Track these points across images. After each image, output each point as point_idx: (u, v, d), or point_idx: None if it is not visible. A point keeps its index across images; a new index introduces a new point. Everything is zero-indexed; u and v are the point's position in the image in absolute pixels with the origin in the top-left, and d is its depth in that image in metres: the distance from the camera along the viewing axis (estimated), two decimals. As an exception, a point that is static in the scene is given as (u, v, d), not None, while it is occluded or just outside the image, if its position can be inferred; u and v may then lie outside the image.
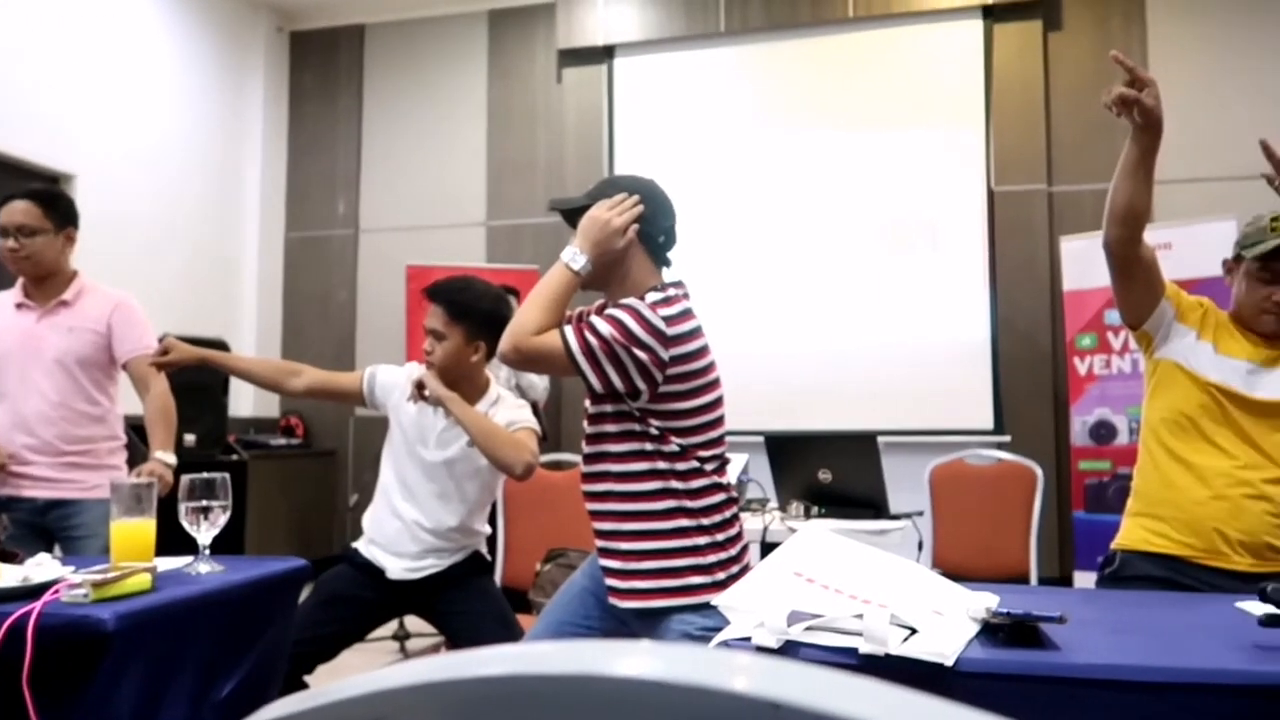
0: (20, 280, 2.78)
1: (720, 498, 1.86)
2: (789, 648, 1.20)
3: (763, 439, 3.26)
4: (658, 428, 1.81)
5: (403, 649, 4.29)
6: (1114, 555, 2.05)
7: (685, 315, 1.83)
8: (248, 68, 6.42)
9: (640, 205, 1.88)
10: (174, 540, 1.97)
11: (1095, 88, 2.04)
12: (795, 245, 5.64)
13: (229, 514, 1.92)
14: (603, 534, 1.89)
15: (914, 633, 1.19)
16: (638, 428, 1.82)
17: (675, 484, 1.82)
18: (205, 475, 1.90)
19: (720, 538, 1.84)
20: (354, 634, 2.53)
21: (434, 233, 6.32)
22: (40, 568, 1.74)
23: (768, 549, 2.79)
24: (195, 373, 2.73)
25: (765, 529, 2.86)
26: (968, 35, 5.52)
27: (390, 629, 4.24)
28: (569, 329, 1.80)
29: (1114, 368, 4.74)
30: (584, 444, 1.93)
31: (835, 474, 3.02)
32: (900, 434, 5.08)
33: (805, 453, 3.17)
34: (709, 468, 1.85)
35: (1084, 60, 5.36)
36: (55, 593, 1.56)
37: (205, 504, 1.88)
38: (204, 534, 1.89)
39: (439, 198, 6.37)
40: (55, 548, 2.68)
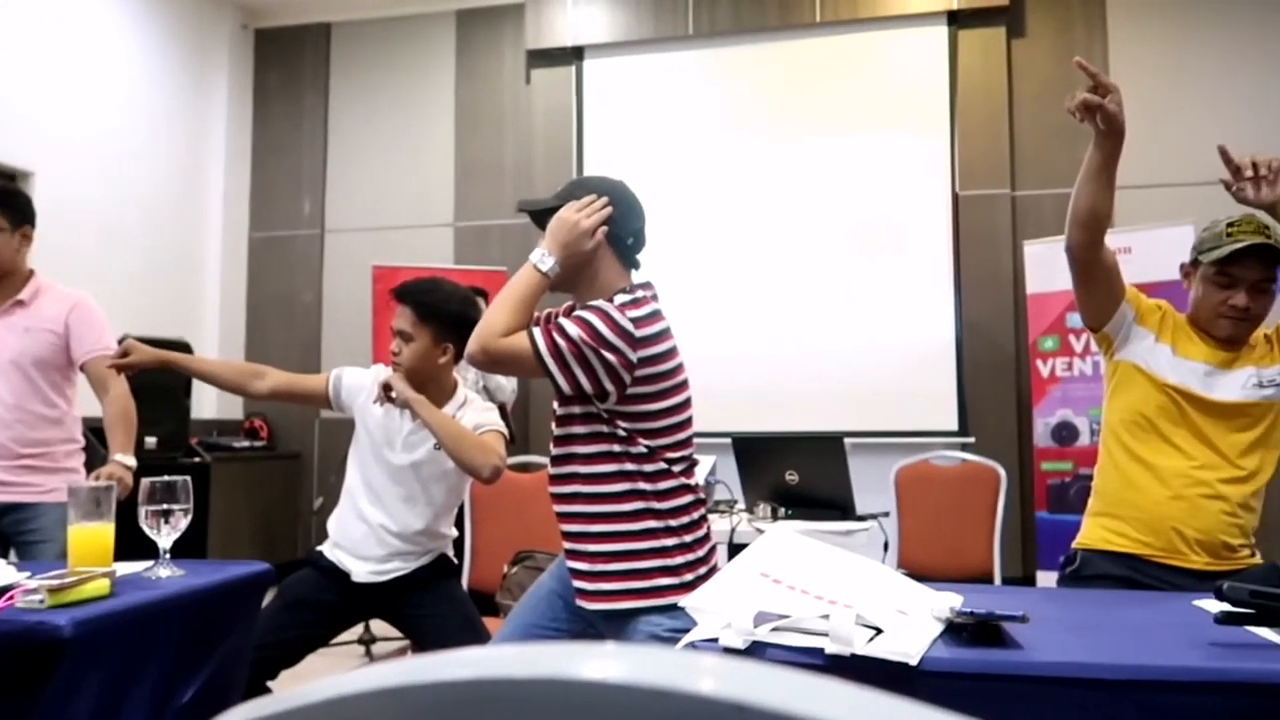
0: (-25, 280, 2.72)
1: (688, 499, 1.86)
2: (756, 649, 1.21)
3: (730, 440, 3.28)
4: (626, 429, 1.81)
5: (368, 653, 4.25)
6: (1075, 554, 2.08)
7: (654, 317, 1.83)
8: (211, 65, 6.34)
9: (609, 207, 1.88)
10: (134, 544, 1.94)
11: (1058, 94, 2.07)
12: (763, 248, 5.67)
13: (190, 517, 1.89)
14: (570, 536, 1.88)
15: (879, 633, 1.20)
16: (606, 429, 1.82)
17: (643, 485, 1.82)
18: (166, 478, 1.87)
19: (688, 539, 1.84)
20: (318, 638, 2.50)
21: (401, 233, 6.27)
22: (-5, 573, 1.71)
23: (735, 550, 2.80)
24: (157, 374, 2.69)
25: (733, 530, 2.87)
26: (933, 41, 5.58)
27: (355, 633, 4.20)
28: (537, 331, 1.79)
29: (1075, 370, 4.81)
30: (552, 446, 1.92)
31: (802, 475, 3.03)
32: (866, 435, 5.11)
33: (772, 454, 3.18)
34: (677, 469, 1.85)
35: (1047, 67, 5.44)
36: (10, 599, 1.53)
37: (166, 507, 1.85)
38: (164, 538, 1.86)
39: (406, 198, 6.32)
40: (11, 552, 2.62)
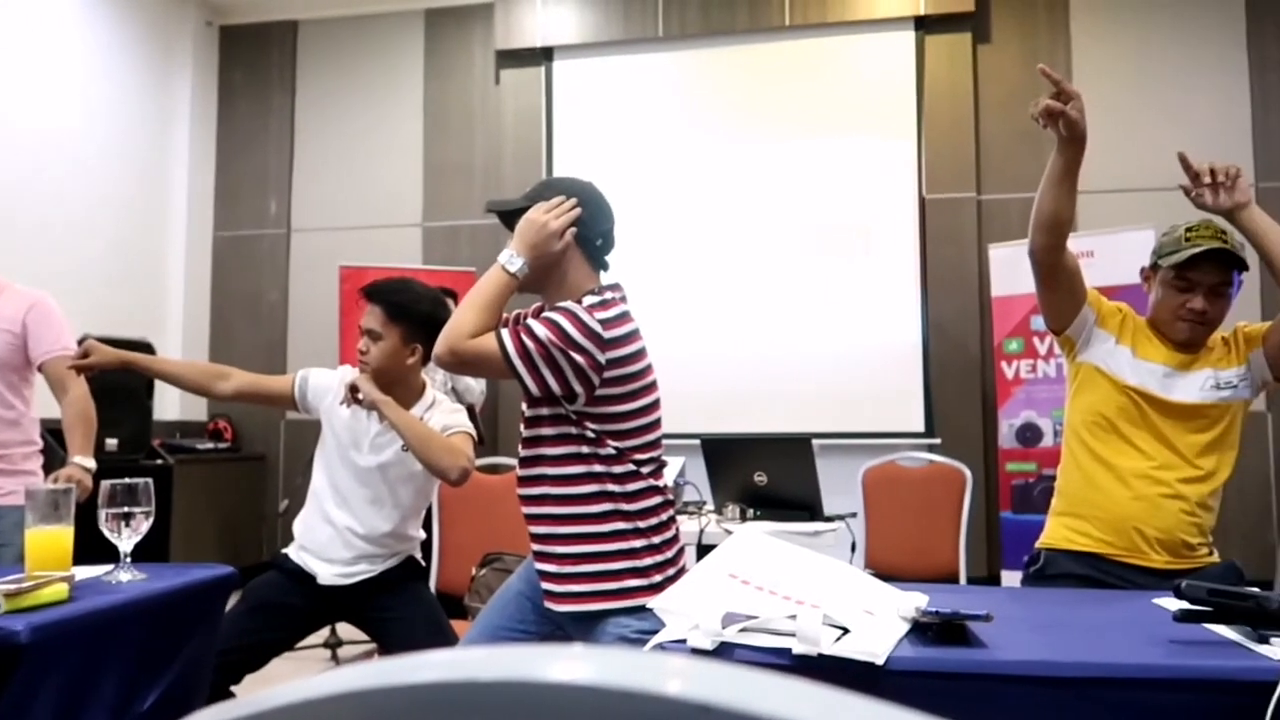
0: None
1: (657, 500, 1.86)
2: (724, 649, 1.21)
3: (699, 442, 3.28)
4: (594, 431, 1.81)
5: (334, 657, 4.21)
6: (1039, 554, 2.11)
7: (622, 318, 1.83)
8: (175, 62, 6.25)
9: (578, 208, 1.87)
10: (94, 548, 1.91)
11: (1022, 99, 2.10)
12: (732, 250, 5.69)
13: (152, 520, 1.86)
14: (539, 538, 1.88)
15: (846, 633, 1.21)
16: (574, 431, 1.82)
17: (612, 487, 1.82)
18: (127, 480, 1.84)
19: (657, 540, 1.84)
20: (283, 642, 2.47)
21: (369, 233, 6.22)
22: (-51, 578, 1.67)
23: (704, 551, 2.80)
24: (118, 375, 2.64)
25: (701, 531, 2.88)
26: (900, 46, 5.64)
27: (322, 636, 4.16)
28: (505, 332, 1.79)
29: (1039, 372, 4.87)
30: (520, 447, 1.91)
31: (770, 477, 3.05)
32: (834, 437, 5.15)
33: (741, 456, 3.19)
34: (646, 470, 1.85)
35: (1012, 73, 5.51)
36: (-35, 604, 1.50)
37: (126, 510, 1.82)
38: (125, 541, 1.83)
39: (374, 198, 6.27)
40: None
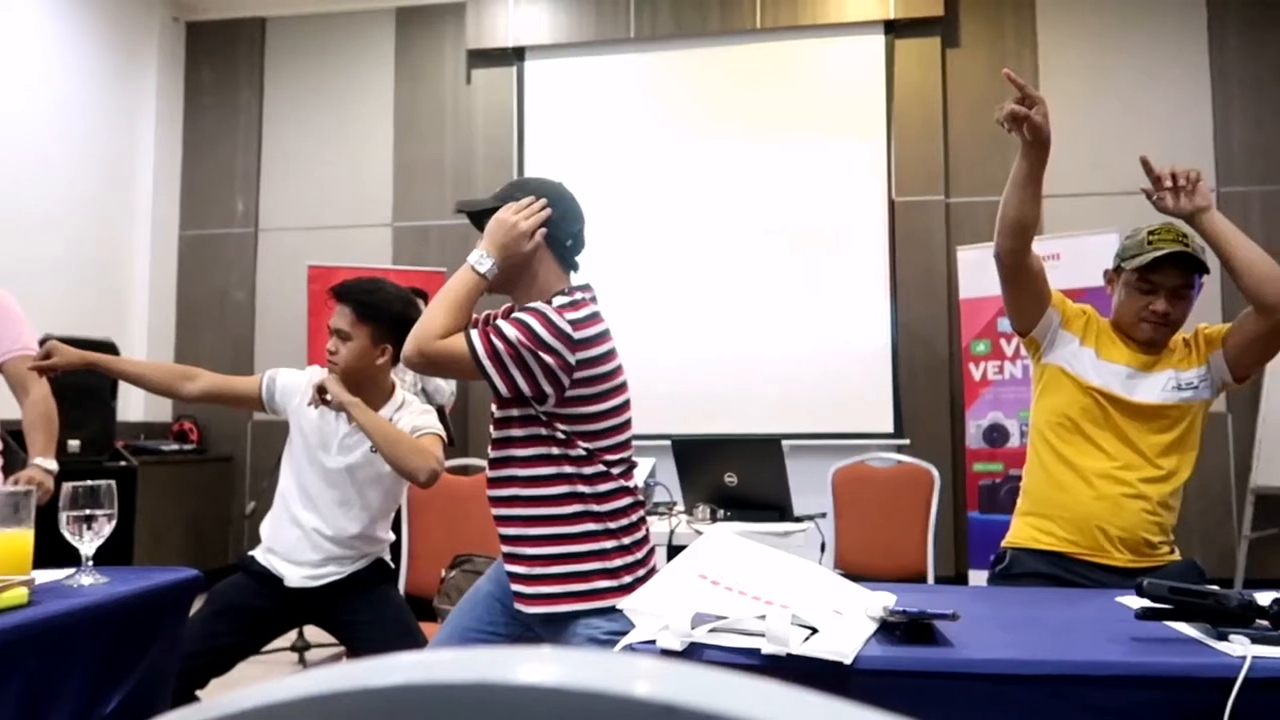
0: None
1: (627, 501, 1.87)
2: (693, 650, 1.21)
3: (670, 443, 3.29)
4: (564, 432, 1.81)
5: (302, 660, 4.17)
6: (1005, 553, 2.13)
7: (593, 319, 1.82)
8: (140, 58, 6.16)
9: (548, 209, 1.87)
10: (55, 551, 1.88)
11: (990, 104, 2.12)
12: (703, 251, 5.70)
13: (115, 523, 1.84)
14: (508, 539, 1.87)
15: (815, 632, 1.21)
16: (544, 432, 1.82)
17: (582, 488, 1.82)
18: (89, 482, 1.81)
19: (627, 541, 1.85)
20: (250, 645, 2.44)
21: (338, 233, 6.17)
22: (-95, 582, 1.64)
23: (674, 552, 2.80)
24: (81, 375, 2.60)
25: (672, 532, 2.88)
26: (870, 50, 5.68)
27: (289, 640, 4.12)
28: (474, 333, 1.78)
29: (1006, 373, 4.93)
30: (490, 448, 1.91)
31: (741, 477, 3.06)
32: (804, 437, 5.18)
33: (711, 456, 3.20)
34: (616, 471, 1.85)
35: (980, 77, 5.57)
36: (-79, 609, 1.47)
37: (89, 513, 1.80)
38: (87, 544, 1.80)
39: (343, 197, 6.22)
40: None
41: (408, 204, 6.16)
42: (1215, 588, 1.31)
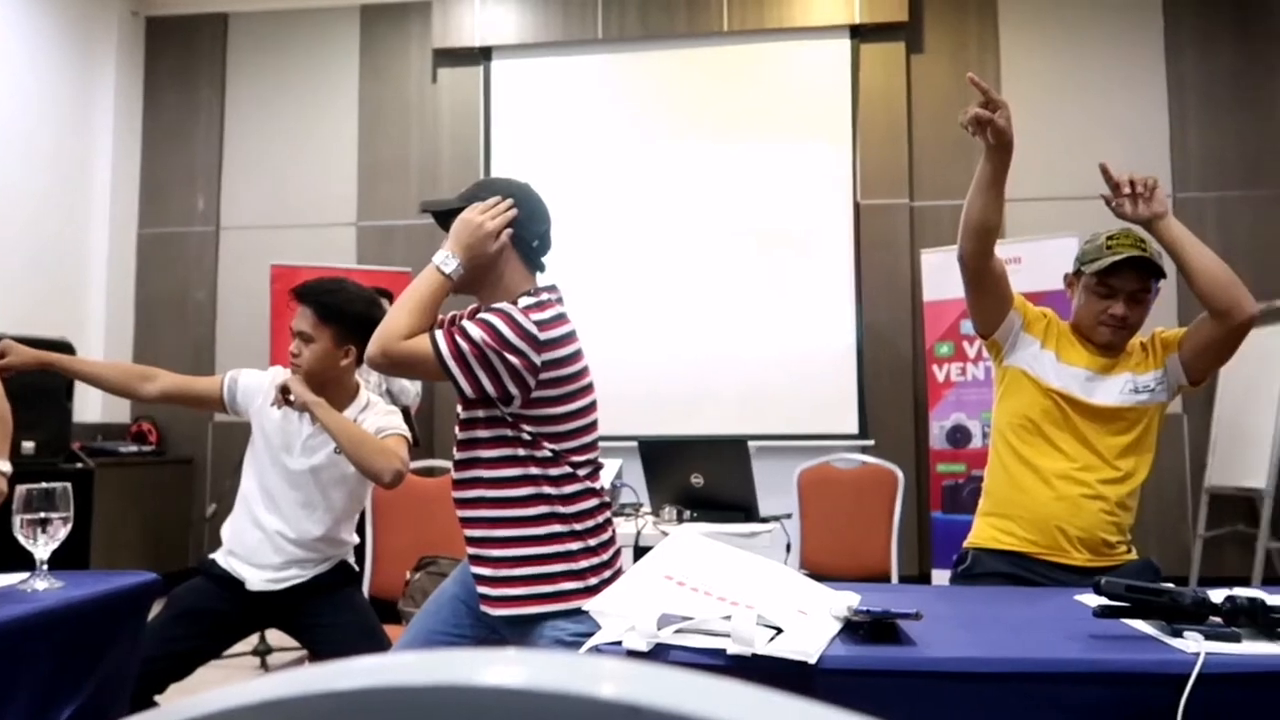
0: None
1: (593, 503, 1.86)
2: (659, 651, 1.21)
3: (636, 444, 3.29)
4: (530, 433, 1.80)
5: (264, 664, 4.12)
6: (967, 553, 2.16)
7: (559, 320, 1.82)
8: (98, 53, 6.05)
9: (514, 209, 1.86)
10: (9, 555, 1.84)
11: (954, 109, 2.14)
12: (669, 252, 5.71)
13: (70, 526, 1.80)
14: (474, 541, 1.86)
15: (780, 633, 1.22)
16: (510, 433, 1.81)
17: (548, 489, 1.81)
18: (44, 485, 1.78)
19: (593, 543, 1.84)
20: (210, 649, 2.41)
21: (301, 232, 6.10)
22: None
23: (641, 553, 2.80)
24: (36, 375, 2.55)
25: (638, 533, 2.88)
26: (836, 54, 5.72)
27: (250, 644, 4.07)
28: (439, 333, 1.77)
29: (969, 375, 4.99)
30: (455, 450, 1.90)
31: (707, 478, 3.07)
32: (770, 438, 5.20)
33: (678, 457, 3.21)
34: (582, 473, 1.85)
35: (943, 82, 5.63)
36: None
37: (44, 516, 1.76)
38: (42, 548, 1.77)
39: (307, 196, 6.16)
40: None
41: (372, 203, 6.10)
42: (1170, 586, 1.33)
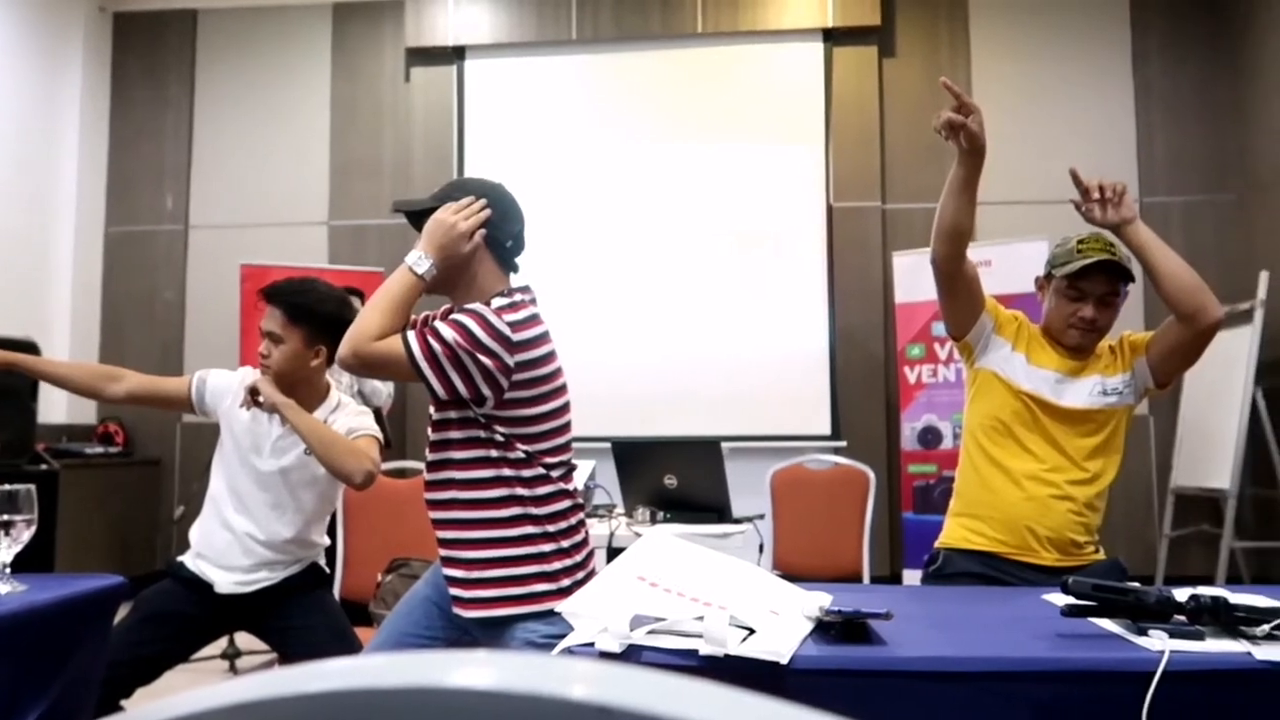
0: None
1: (566, 504, 1.86)
2: (632, 652, 1.21)
3: (610, 445, 3.29)
4: (503, 434, 1.80)
5: (233, 668, 4.07)
6: (937, 553, 2.18)
7: (532, 321, 1.82)
8: (65, 49, 5.96)
9: (488, 209, 1.86)
10: (-30, 558, 1.81)
11: (926, 112, 2.16)
12: (643, 254, 5.71)
13: (34, 529, 1.78)
14: (446, 543, 1.85)
15: (752, 633, 1.23)
16: (483, 434, 1.80)
17: (521, 491, 1.81)
18: (7, 487, 1.75)
19: (566, 544, 1.84)
20: (178, 653, 2.38)
21: (272, 231, 6.04)
22: None
23: (614, 554, 2.80)
24: (0, 375, 2.51)
25: (611, 535, 2.88)
26: (809, 57, 5.75)
27: (219, 647, 4.02)
28: (411, 334, 1.76)
29: (940, 376, 5.03)
30: (427, 451, 1.89)
31: (680, 479, 3.07)
32: (743, 440, 5.22)
33: (651, 459, 3.21)
34: (555, 474, 1.85)
35: (915, 86, 5.68)
36: None
37: (6, 518, 1.73)
38: (5, 551, 1.74)
39: (278, 195, 6.10)
40: None
41: (344, 202, 6.06)
42: (1136, 585, 1.35)
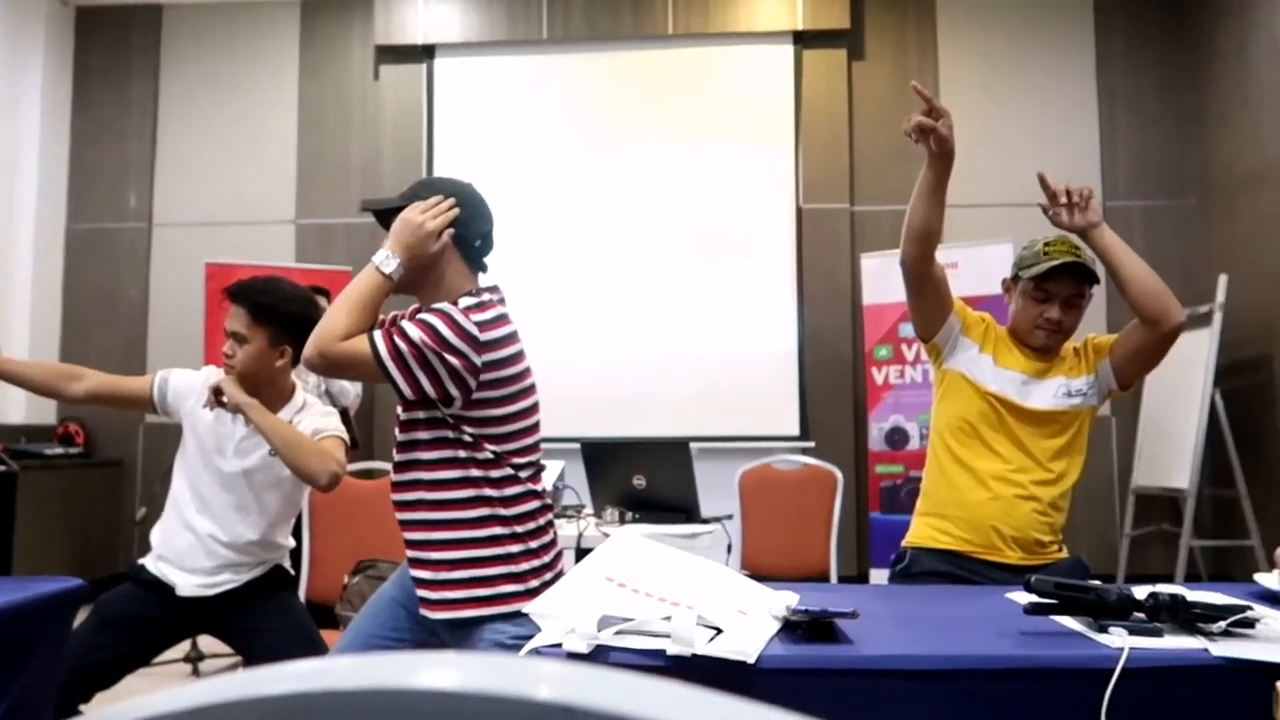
0: None
1: (535, 505, 1.86)
2: (599, 652, 1.21)
3: (578, 446, 3.28)
4: (471, 435, 1.79)
5: (195, 672, 4.02)
6: (904, 552, 2.20)
7: (500, 320, 1.81)
8: (26, 43, 5.85)
9: (456, 209, 1.85)
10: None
11: (894, 115, 2.19)
12: (612, 254, 5.71)
13: (-8, 531, 1.75)
14: (414, 544, 1.84)
15: (720, 633, 1.23)
16: (451, 435, 1.79)
17: (489, 491, 1.80)
18: (-36, 489, 1.72)
19: (534, 545, 1.84)
20: (138, 657, 2.34)
21: (237, 229, 5.97)
22: None
23: (583, 555, 2.80)
24: (-46, 375, 2.46)
25: (580, 535, 2.88)
26: (779, 59, 5.78)
27: (182, 650, 3.97)
28: (378, 334, 1.75)
29: (907, 377, 5.07)
30: (394, 451, 1.87)
31: (649, 480, 3.07)
32: (712, 440, 5.23)
33: (620, 459, 3.21)
34: (524, 475, 1.84)
35: (884, 89, 5.73)
36: None
37: (-37, 520, 1.70)
38: (-39, 554, 1.71)
39: (244, 193, 6.03)
40: None
41: (312, 201, 6.00)
42: (1097, 583, 1.37)
